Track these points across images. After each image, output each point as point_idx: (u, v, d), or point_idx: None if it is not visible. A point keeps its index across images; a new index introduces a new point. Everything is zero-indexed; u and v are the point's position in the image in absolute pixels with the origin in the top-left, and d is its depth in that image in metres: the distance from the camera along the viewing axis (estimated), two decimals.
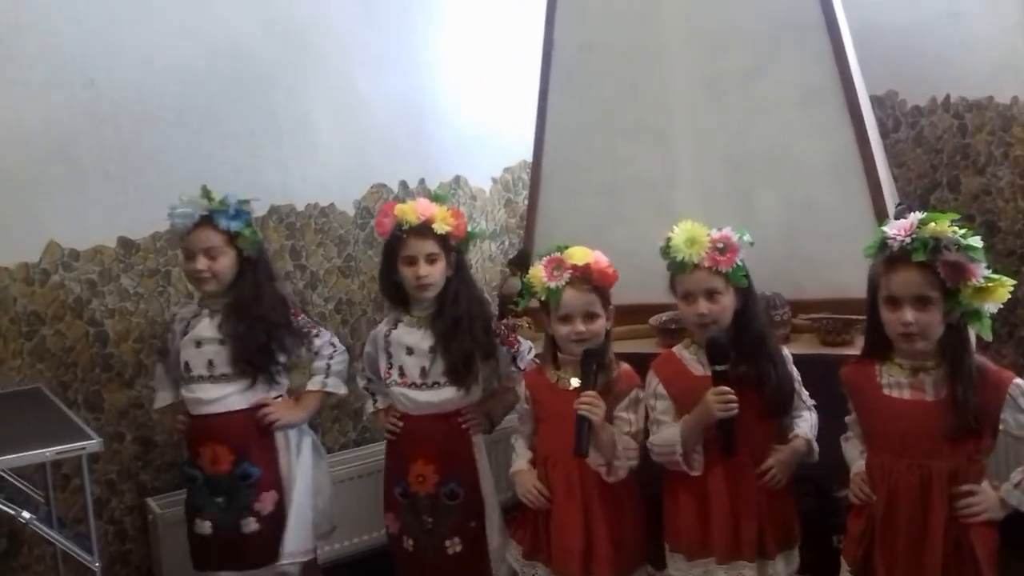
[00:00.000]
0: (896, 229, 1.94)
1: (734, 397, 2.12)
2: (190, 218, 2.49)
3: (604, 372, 2.30)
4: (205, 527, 2.54)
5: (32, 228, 2.72)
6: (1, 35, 2.63)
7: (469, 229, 2.61)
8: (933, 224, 1.91)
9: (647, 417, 2.31)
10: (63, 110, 2.74)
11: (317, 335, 2.67)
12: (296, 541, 2.58)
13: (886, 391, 2.02)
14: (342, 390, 2.72)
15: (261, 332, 2.53)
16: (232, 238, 2.52)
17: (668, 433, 2.22)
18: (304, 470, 2.62)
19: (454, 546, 2.54)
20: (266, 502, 2.54)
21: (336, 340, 2.73)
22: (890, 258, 1.95)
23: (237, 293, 2.55)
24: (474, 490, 2.56)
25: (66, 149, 2.76)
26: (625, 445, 2.24)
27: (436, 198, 2.59)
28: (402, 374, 2.58)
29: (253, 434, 2.54)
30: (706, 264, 2.19)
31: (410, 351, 2.56)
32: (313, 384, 2.66)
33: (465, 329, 2.52)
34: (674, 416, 2.24)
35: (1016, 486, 1.97)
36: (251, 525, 2.52)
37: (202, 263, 2.49)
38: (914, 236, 1.91)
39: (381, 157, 3.40)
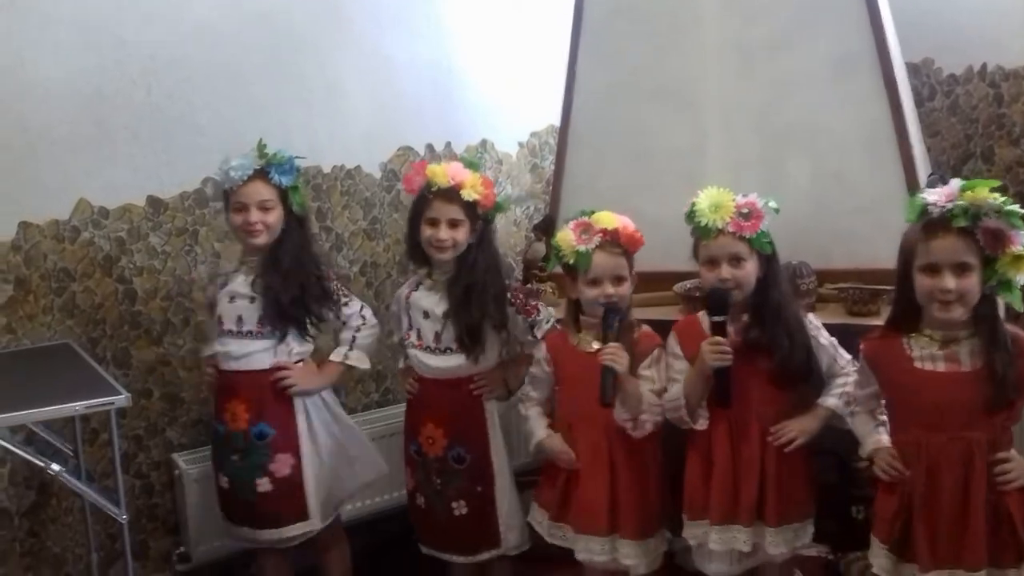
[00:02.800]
0: (936, 196, 1.91)
1: (727, 347, 2.15)
2: (246, 170, 2.47)
3: (627, 333, 2.32)
4: (223, 482, 2.58)
5: (63, 186, 2.74)
6: None
7: (498, 200, 2.58)
8: (973, 191, 1.88)
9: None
10: (94, 70, 2.75)
11: (347, 303, 2.64)
12: (369, 470, 2.71)
13: (918, 364, 1.98)
14: (364, 364, 2.69)
15: (294, 284, 2.52)
16: (283, 194, 2.52)
17: (675, 389, 2.28)
18: (346, 422, 2.69)
19: (460, 508, 2.57)
20: (281, 464, 2.53)
21: (369, 313, 2.68)
22: (929, 225, 1.92)
23: (275, 248, 2.54)
24: (482, 456, 2.58)
25: (97, 109, 2.77)
26: (650, 400, 2.27)
27: (469, 164, 2.56)
28: (419, 337, 2.60)
29: (270, 395, 2.53)
30: (730, 229, 2.18)
31: (426, 315, 2.57)
32: (336, 355, 2.63)
33: (476, 299, 2.50)
34: None
35: None
36: (265, 485, 2.53)
37: (256, 215, 2.47)
38: (954, 202, 1.89)
39: (408, 120, 3.39)
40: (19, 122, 2.65)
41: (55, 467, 2.25)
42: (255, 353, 2.54)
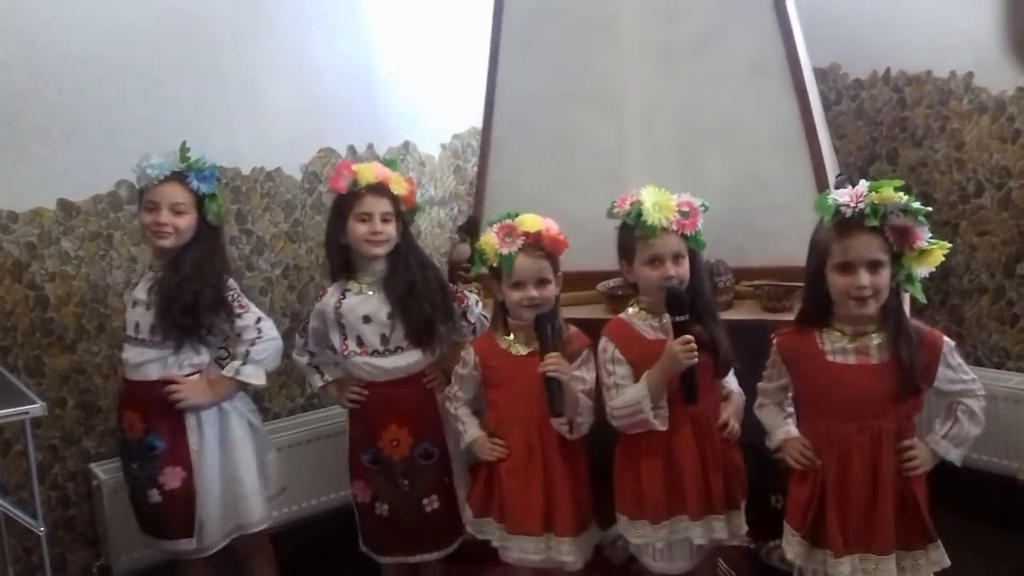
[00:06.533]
0: (847, 197, 2.00)
1: (695, 345, 2.16)
2: (163, 170, 2.43)
3: (558, 335, 2.33)
4: (128, 490, 2.57)
5: None
6: None
7: (417, 200, 2.62)
8: (881, 191, 1.97)
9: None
10: (1, 69, 2.66)
11: (240, 315, 2.50)
12: (255, 511, 2.58)
13: (830, 358, 2.07)
14: (258, 381, 2.52)
15: (188, 292, 2.43)
16: (199, 200, 2.48)
17: (631, 393, 2.22)
18: (240, 445, 2.56)
19: (432, 503, 2.57)
20: (170, 477, 2.46)
21: (267, 326, 2.53)
22: (842, 225, 2.00)
23: (180, 255, 2.48)
24: (444, 447, 2.59)
25: (4, 109, 2.68)
26: (583, 402, 2.29)
27: (389, 163, 2.59)
28: (360, 344, 2.55)
29: (159, 407, 2.45)
30: (674, 228, 2.22)
31: (367, 319, 2.54)
32: (228, 370, 2.50)
33: (421, 293, 2.52)
34: (633, 380, 2.25)
35: (944, 437, 2.09)
36: (155, 497, 2.47)
37: (166, 216, 2.43)
38: (864, 202, 1.97)
39: (329, 121, 3.37)
40: None
41: None
42: (147, 363, 2.48)
